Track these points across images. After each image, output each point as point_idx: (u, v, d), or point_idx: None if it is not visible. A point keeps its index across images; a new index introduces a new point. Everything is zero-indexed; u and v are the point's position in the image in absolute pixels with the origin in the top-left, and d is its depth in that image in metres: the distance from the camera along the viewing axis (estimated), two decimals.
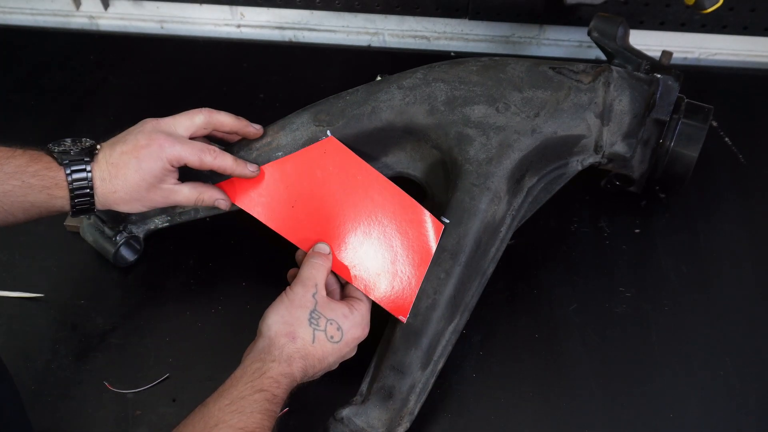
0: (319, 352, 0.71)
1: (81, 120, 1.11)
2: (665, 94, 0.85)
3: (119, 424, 0.78)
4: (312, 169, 0.79)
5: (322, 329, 0.71)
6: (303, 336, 0.70)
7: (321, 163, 0.79)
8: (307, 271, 0.74)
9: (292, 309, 0.71)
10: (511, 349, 0.83)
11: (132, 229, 0.90)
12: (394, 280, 0.77)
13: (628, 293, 0.87)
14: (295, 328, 0.70)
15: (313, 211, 0.78)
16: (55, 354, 0.84)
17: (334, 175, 0.79)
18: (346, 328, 0.73)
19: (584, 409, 0.78)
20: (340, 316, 0.73)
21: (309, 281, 0.73)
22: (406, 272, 0.77)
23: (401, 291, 0.77)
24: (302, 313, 0.71)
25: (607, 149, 0.85)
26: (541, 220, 0.91)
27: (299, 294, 0.72)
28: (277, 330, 0.70)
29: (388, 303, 0.76)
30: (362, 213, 0.78)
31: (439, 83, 0.86)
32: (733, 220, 0.94)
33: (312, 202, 0.78)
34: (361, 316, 0.74)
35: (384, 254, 0.78)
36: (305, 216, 0.78)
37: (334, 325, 0.72)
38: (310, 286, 0.73)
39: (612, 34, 0.90)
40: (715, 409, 0.78)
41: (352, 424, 0.73)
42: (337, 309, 0.73)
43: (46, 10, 1.26)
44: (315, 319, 0.71)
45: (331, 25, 1.21)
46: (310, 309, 0.72)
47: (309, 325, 0.71)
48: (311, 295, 0.72)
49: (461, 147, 0.83)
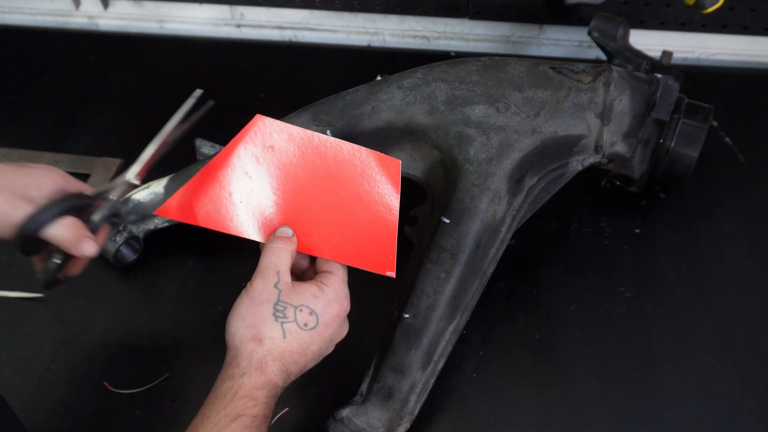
0: (296, 346, 0.64)
1: (81, 120, 1.11)
2: (665, 94, 0.85)
3: (119, 424, 0.78)
4: (248, 156, 0.72)
5: (291, 320, 0.64)
6: (270, 335, 0.64)
7: (255, 143, 0.73)
8: (267, 260, 0.67)
9: (253, 307, 0.65)
10: (511, 349, 0.83)
11: (132, 229, 0.90)
12: (368, 238, 0.71)
13: (628, 293, 0.87)
14: (259, 329, 0.64)
15: (263, 199, 0.71)
16: (55, 354, 0.84)
17: (273, 154, 0.73)
18: (320, 309, 0.66)
19: (584, 409, 0.78)
20: (310, 298, 0.66)
21: (269, 270, 0.66)
22: (377, 226, 0.72)
23: (379, 246, 0.72)
24: (265, 309, 0.64)
25: (608, 149, 0.85)
26: (541, 220, 0.91)
27: (259, 288, 0.65)
28: (241, 336, 0.64)
29: (369, 263, 0.71)
30: (312, 182, 0.73)
31: (439, 83, 0.85)
32: (733, 220, 0.94)
33: (259, 188, 0.71)
34: (335, 291, 0.67)
35: (348, 216, 0.72)
36: (256, 206, 0.71)
37: (305, 310, 0.65)
38: (270, 276, 0.66)
39: (612, 34, 0.90)
40: (715, 409, 0.78)
41: (352, 424, 0.73)
42: (305, 291, 0.66)
43: (46, 10, 1.26)
44: (281, 311, 0.64)
45: (330, 25, 1.21)
46: (273, 302, 0.65)
47: (275, 321, 0.64)
48: (272, 285, 0.65)
49: (461, 147, 0.83)
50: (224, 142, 0.91)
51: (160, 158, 0.76)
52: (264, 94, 1.13)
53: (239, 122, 1.05)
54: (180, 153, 0.80)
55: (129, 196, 0.90)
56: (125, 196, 0.89)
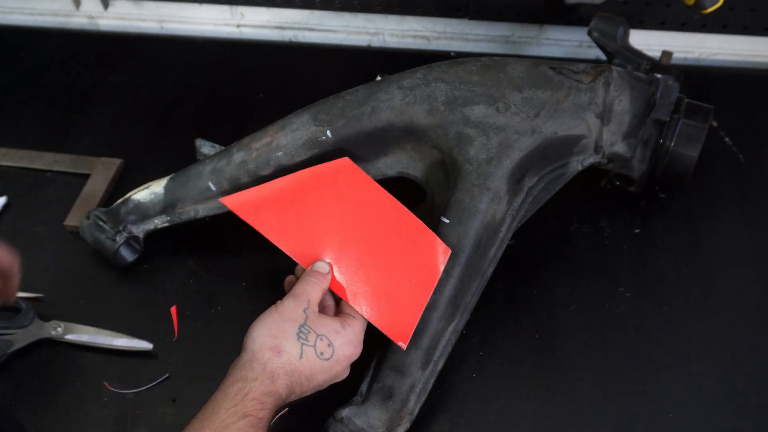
0: (307, 370, 0.67)
1: (81, 120, 1.11)
2: (665, 94, 0.85)
3: (119, 424, 0.78)
4: (322, 187, 0.76)
5: (311, 345, 0.68)
6: (290, 350, 0.67)
7: (332, 181, 0.77)
8: (301, 287, 0.71)
9: (280, 322, 0.68)
10: (511, 349, 0.83)
11: (132, 229, 0.90)
12: (396, 304, 0.74)
13: (628, 293, 0.87)
14: (281, 341, 0.67)
15: (316, 228, 0.75)
16: (55, 354, 0.84)
17: (343, 193, 0.77)
18: (338, 344, 0.69)
19: (584, 409, 0.78)
20: (332, 331, 0.69)
21: (302, 296, 0.70)
22: (408, 297, 0.75)
23: (402, 316, 0.74)
24: (291, 326, 0.68)
25: (607, 149, 0.85)
26: (541, 220, 0.91)
27: (289, 307, 0.69)
28: (261, 343, 0.67)
29: (388, 327, 0.73)
30: (368, 234, 0.76)
31: (439, 83, 0.85)
32: (733, 220, 0.94)
33: (317, 219, 0.75)
34: (355, 334, 0.71)
35: (386, 277, 0.75)
36: (308, 232, 0.75)
37: (325, 341, 0.68)
38: (302, 301, 0.70)
39: (612, 34, 0.90)
40: (715, 409, 0.78)
41: (352, 424, 0.73)
42: (329, 324, 0.70)
43: (46, 10, 1.26)
44: (304, 333, 0.68)
45: (330, 25, 1.21)
46: (300, 323, 0.68)
47: (297, 340, 0.67)
48: (302, 309, 0.69)
49: (461, 147, 0.83)
50: (224, 142, 0.92)
51: None
52: (264, 94, 1.13)
53: (239, 122, 1.06)
54: (180, 153, 0.80)
55: (129, 196, 0.90)
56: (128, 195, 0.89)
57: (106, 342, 0.83)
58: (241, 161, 0.86)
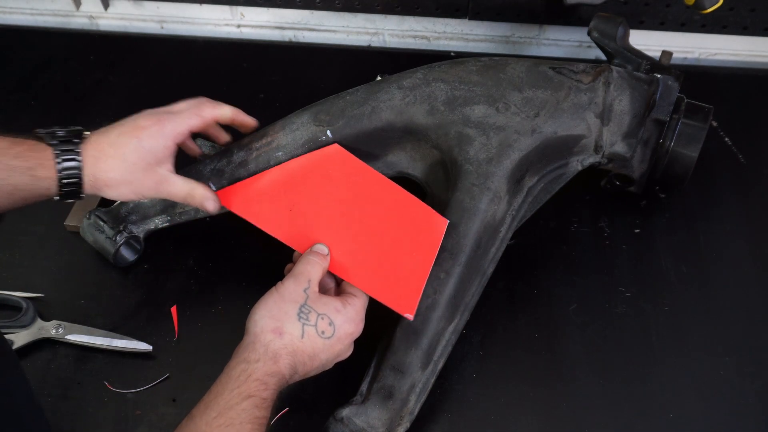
0: (309, 349, 0.68)
1: (81, 120, 1.09)
2: (665, 94, 0.85)
3: (119, 424, 0.78)
4: (313, 174, 0.78)
5: (312, 324, 0.68)
6: (291, 331, 0.67)
7: (322, 167, 0.78)
8: (301, 267, 0.71)
9: (281, 303, 0.69)
10: (511, 349, 0.83)
11: (132, 229, 0.90)
12: (397, 277, 0.75)
13: (628, 293, 0.87)
14: (282, 323, 0.67)
15: (312, 215, 0.76)
16: (55, 354, 0.84)
17: (335, 179, 0.78)
18: (339, 323, 0.70)
19: (584, 409, 0.78)
20: (333, 310, 0.70)
21: (302, 276, 0.70)
22: (409, 270, 0.76)
23: (406, 288, 0.75)
24: (291, 307, 0.68)
25: (607, 149, 0.85)
26: (541, 220, 0.91)
27: (290, 288, 0.70)
28: (263, 325, 0.67)
29: (392, 300, 0.74)
30: (363, 214, 0.78)
31: (439, 83, 0.86)
32: (733, 220, 0.94)
33: (311, 206, 0.77)
34: (355, 312, 0.71)
35: (386, 254, 0.76)
36: (303, 219, 0.76)
37: (326, 320, 0.69)
38: (302, 281, 0.70)
39: (612, 34, 0.90)
40: (715, 409, 0.78)
41: (352, 424, 0.73)
42: (330, 303, 0.70)
43: (46, 10, 1.26)
44: (305, 313, 0.68)
45: (331, 25, 1.21)
46: (300, 303, 0.69)
47: (298, 320, 0.68)
48: (303, 289, 0.70)
49: (461, 147, 0.83)
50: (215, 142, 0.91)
51: None
52: (264, 94, 1.13)
53: None
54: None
55: None
56: None
57: (106, 343, 0.83)
58: (241, 161, 0.86)
